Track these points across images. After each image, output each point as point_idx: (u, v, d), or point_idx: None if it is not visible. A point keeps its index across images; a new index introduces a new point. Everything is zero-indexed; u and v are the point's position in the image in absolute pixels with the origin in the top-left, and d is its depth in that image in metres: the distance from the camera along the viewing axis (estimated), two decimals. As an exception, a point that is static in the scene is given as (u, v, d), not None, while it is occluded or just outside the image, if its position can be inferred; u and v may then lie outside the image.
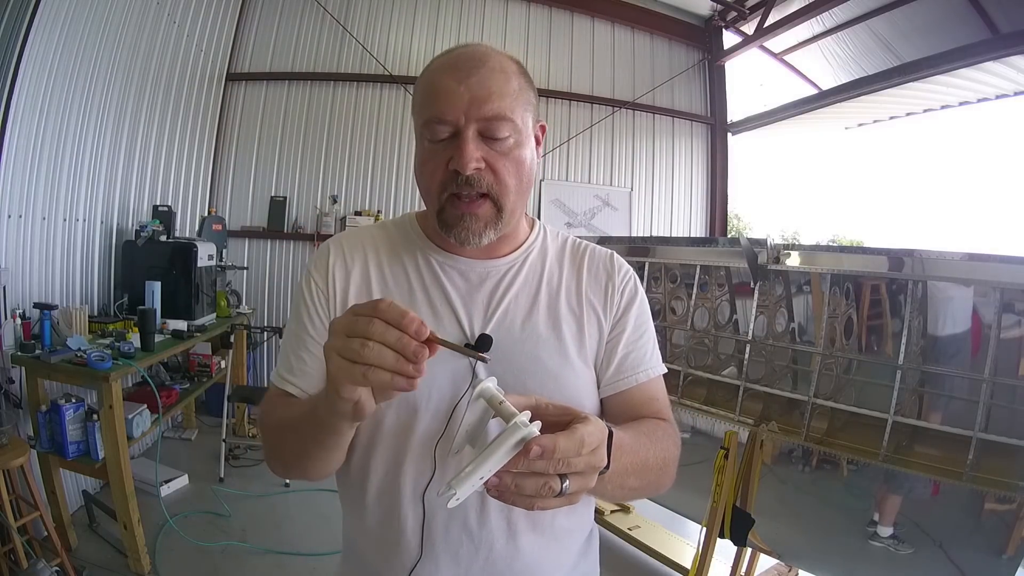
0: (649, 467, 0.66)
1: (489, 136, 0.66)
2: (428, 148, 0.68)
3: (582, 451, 0.49)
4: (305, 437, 0.63)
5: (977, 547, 1.67)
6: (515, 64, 0.70)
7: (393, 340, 0.47)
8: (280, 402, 0.73)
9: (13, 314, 2.26)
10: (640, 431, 0.69)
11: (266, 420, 0.75)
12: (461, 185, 0.66)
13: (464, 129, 0.65)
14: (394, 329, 0.47)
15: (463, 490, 0.46)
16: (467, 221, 0.68)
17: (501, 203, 0.68)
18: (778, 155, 20.01)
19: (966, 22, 4.00)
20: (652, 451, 0.67)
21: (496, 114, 0.65)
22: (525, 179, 0.70)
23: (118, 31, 3.02)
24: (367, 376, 0.47)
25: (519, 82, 0.69)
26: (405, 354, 0.47)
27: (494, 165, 0.67)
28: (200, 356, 3.33)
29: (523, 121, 0.68)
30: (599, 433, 0.52)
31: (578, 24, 4.99)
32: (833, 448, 1.92)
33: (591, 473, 0.51)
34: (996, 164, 20.12)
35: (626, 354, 0.77)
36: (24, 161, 2.42)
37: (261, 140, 4.46)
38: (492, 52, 0.69)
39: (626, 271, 0.81)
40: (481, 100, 0.65)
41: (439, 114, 0.66)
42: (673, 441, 0.74)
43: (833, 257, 2.04)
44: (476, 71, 0.66)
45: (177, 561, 2.34)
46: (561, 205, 4.89)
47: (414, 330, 0.47)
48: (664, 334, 2.57)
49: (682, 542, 2.53)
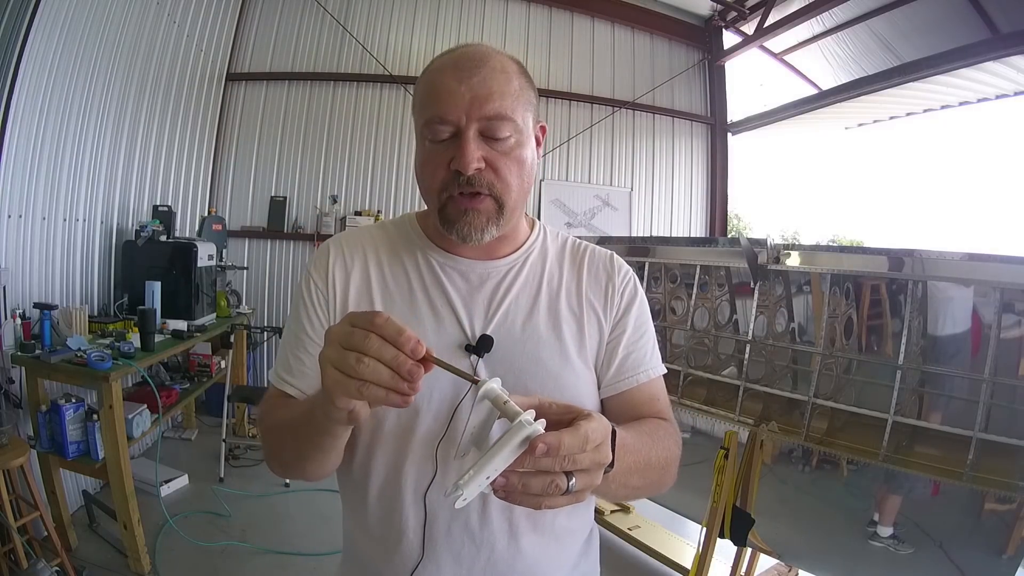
0: (652, 466, 0.66)
1: (490, 136, 0.66)
2: (429, 148, 0.68)
3: (587, 447, 0.49)
4: (301, 439, 0.64)
5: (977, 547, 1.67)
6: (516, 64, 0.70)
7: (389, 358, 0.47)
8: (279, 403, 0.73)
9: (13, 314, 2.26)
10: (642, 430, 0.69)
11: (265, 421, 0.75)
12: (462, 185, 0.66)
13: (465, 129, 0.65)
14: (390, 346, 0.47)
15: (470, 490, 0.46)
16: (469, 216, 0.68)
17: (503, 201, 0.69)
18: (778, 155, 20.04)
19: (966, 22, 4.00)
20: (654, 450, 0.67)
21: (497, 113, 0.65)
22: (526, 179, 0.70)
23: (118, 31, 3.02)
24: (361, 391, 0.47)
25: (520, 82, 0.69)
26: (400, 373, 0.47)
27: (495, 164, 0.67)
28: (200, 356, 3.33)
29: (524, 121, 0.68)
30: (603, 429, 0.52)
31: (578, 24, 4.99)
32: (833, 448, 1.92)
33: (596, 470, 0.51)
34: (996, 164, 20.12)
35: (627, 355, 0.77)
36: (24, 161, 2.42)
37: (261, 140, 4.45)
38: (493, 52, 0.69)
39: (626, 272, 0.81)
40: (482, 100, 0.65)
41: (440, 114, 0.66)
42: (675, 441, 0.74)
43: (833, 257, 2.04)
44: (477, 71, 0.66)
45: (177, 561, 2.34)
46: (561, 205, 4.89)
47: (410, 348, 0.47)
48: (664, 334, 2.57)
49: (682, 542, 2.53)
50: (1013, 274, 1.61)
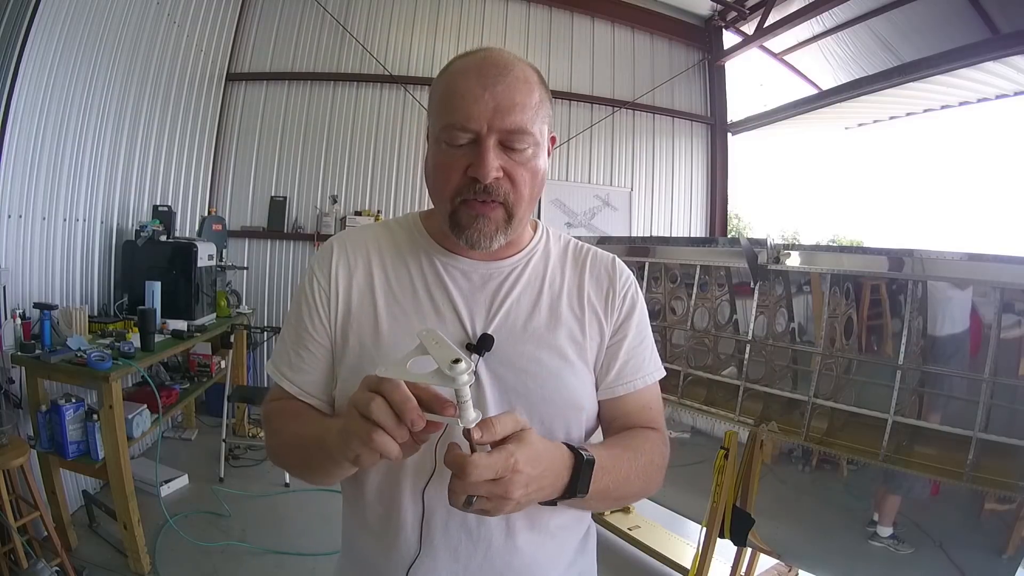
0: (631, 480, 0.71)
1: (508, 146, 0.67)
2: (445, 151, 0.68)
3: (497, 475, 0.55)
4: (311, 458, 0.68)
5: (977, 547, 1.67)
6: (537, 74, 0.71)
7: (397, 433, 0.55)
8: (287, 409, 0.75)
9: (13, 314, 2.26)
10: (625, 445, 0.73)
11: (273, 423, 0.77)
12: (478, 193, 0.67)
13: (485, 138, 0.65)
14: (402, 428, 0.54)
15: (386, 370, 0.56)
16: (480, 223, 0.69)
17: (513, 211, 0.70)
18: (778, 155, 20.03)
19: (966, 22, 4.01)
20: (636, 463, 0.71)
21: (518, 127, 0.66)
22: (537, 189, 0.71)
23: (118, 31, 3.02)
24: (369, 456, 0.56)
25: (540, 93, 0.69)
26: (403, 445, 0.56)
27: (512, 174, 0.68)
28: (200, 356, 3.33)
29: (541, 133, 0.69)
30: (537, 460, 0.58)
31: (578, 24, 4.99)
32: (833, 448, 1.92)
33: (497, 501, 0.56)
34: (996, 164, 20.11)
35: (627, 360, 0.78)
36: (24, 161, 2.41)
37: (261, 140, 4.46)
38: (516, 60, 0.69)
39: (627, 276, 0.82)
40: (505, 110, 0.65)
41: (463, 121, 0.65)
42: (660, 451, 0.77)
43: (833, 257, 2.04)
44: (502, 79, 0.66)
45: (177, 561, 2.34)
46: (561, 205, 4.89)
47: (410, 421, 0.54)
48: (664, 334, 2.57)
49: (682, 542, 2.53)
50: (1013, 274, 1.61)
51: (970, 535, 1.68)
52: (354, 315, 0.75)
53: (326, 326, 0.75)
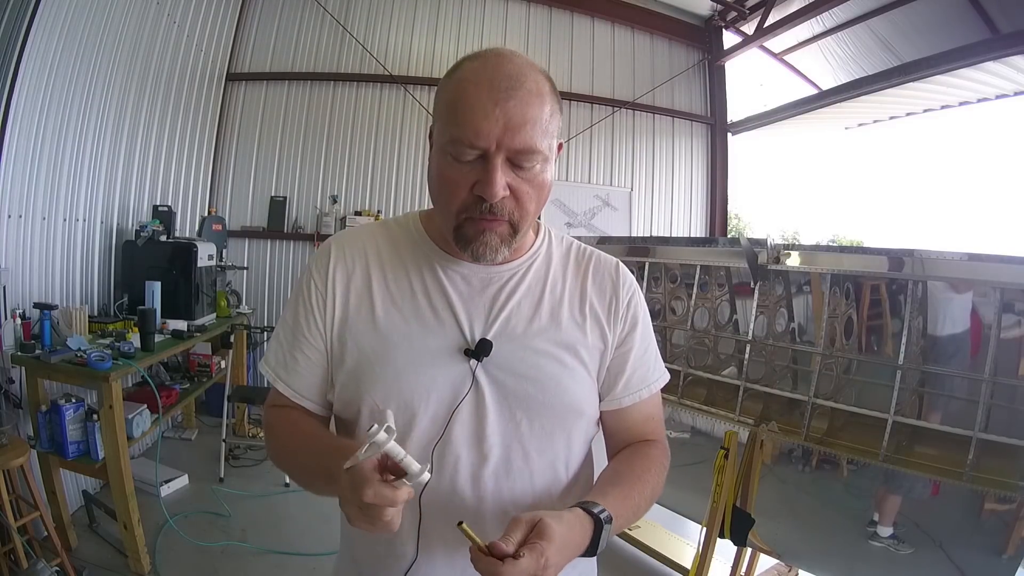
0: (640, 509, 0.73)
1: (516, 164, 0.65)
2: (451, 165, 0.66)
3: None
4: (315, 477, 0.70)
5: (977, 547, 1.67)
6: (548, 83, 0.68)
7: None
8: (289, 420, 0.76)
9: (13, 314, 2.26)
10: (634, 478, 0.74)
11: (275, 429, 0.78)
12: (484, 212, 0.66)
13: (493, 156, 0.63)
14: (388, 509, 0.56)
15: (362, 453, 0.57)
16: (486, 236, 0.68)
17: (519, 226, 0.69)
18: (778, 155, 19.92)
19: (966, 22, 4.00)
20: (644, 494, 0.73)
21: (528, 147, 0.64)
22: (543, 200, 0.71)
23: (118, 31, 3.02)
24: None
25: (551, 105, 0.67)
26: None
27: (518, 191, 0.66)
28: (200, 356, 3.33)
29: (549, 148, 0.68)
30: (563, 549, 0.58)
31: (578, 24, 4.99)
32: (833, 448, 1.92)
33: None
34: (996, 164, 20.11)
35: (633, 372, 0.78)
36: (24, 161, 2.41)
37: (261, 140, 4.45)
38: (528, 69, 0.66)
39: (630, 283, 0.82)
40: (516, 128, 0.63)
41: (471, 138, 0.63)
42: (663, 466, 0.79)
43: (833, 257, 2.04)
44: (514, 93, 0.63)
45: (177, 561, 2.34)
46: (561, 205, 4.89)
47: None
48: (664, 334, 2.56)
49: (682, 542, 2.53)
50: (1013, 274, 1.61)
51: (970, 535, 1.68)
52: (351, 319, 0.74)
53: (321, 330, 0.75)
